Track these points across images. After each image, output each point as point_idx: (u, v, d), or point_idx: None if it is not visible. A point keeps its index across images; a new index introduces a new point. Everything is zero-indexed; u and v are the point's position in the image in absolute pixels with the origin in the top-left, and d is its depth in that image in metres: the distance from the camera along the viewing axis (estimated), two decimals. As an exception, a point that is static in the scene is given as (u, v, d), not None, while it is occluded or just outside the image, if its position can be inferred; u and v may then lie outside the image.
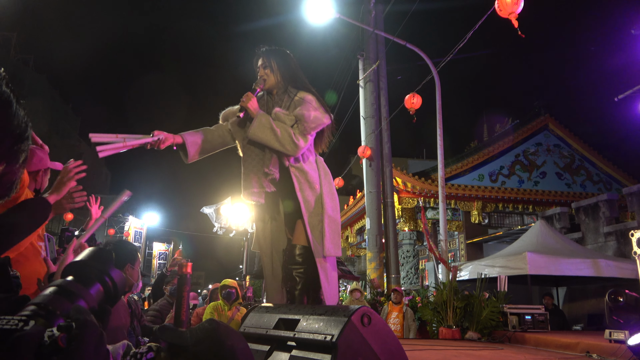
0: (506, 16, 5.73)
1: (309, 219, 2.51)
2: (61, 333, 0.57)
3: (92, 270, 0.75)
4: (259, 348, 1.64)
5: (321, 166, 2.68)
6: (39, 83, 23.59)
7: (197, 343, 1.23)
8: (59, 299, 0.66)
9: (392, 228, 11.03)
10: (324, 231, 2.49)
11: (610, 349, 5.06)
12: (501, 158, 15.70)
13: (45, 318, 0.61)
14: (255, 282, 16.23)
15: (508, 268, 9.02)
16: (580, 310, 11.43)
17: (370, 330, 1.36)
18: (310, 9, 9.88)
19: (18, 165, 0.65)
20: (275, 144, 2.45)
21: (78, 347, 0.57)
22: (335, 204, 2.62)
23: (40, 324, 0.59)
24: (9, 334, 0.55)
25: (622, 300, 5.26)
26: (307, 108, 2.50)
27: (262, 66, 2.66)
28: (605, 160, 16.51)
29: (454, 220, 14.79)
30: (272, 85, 2.66)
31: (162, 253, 27.19)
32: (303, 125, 2.49)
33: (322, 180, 2.61)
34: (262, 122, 2.46)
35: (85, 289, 0.71)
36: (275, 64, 2.64)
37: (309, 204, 2.52)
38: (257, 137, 2.47)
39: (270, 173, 2.52)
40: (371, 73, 11.48)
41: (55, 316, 0.62)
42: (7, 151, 0.62)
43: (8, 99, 0.61)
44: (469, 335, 7.35)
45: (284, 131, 2.45)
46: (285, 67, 2.66)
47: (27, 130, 0.65)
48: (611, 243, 11.06)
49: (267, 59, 2.65)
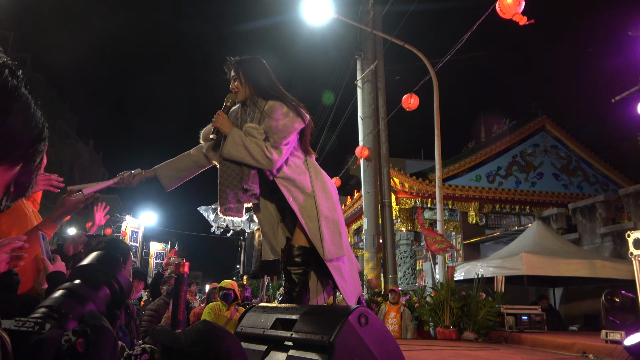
0: (510, 17, 5.75)
1: (308, 224, 2.47)
2: (78, 338, 0.58)
3: (100, 274, 0.75)
4: (256, 348, 1.64)
5: (311, 167, 2.62)
6: (36, 82, 23.53)
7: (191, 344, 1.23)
8: (70, 302, 0.66)
9: (389, 228, 11.04)
10: (322, 234, 2.45)
11: (607, 349, 5.08)
12: (498, 159, 15.73)
13: (57, 321, 0.62)
14: (252, 282, 16.22)
15: (505, 268, 9.04)
16: (576, 310, 11.46)
17: (368, 330, 1.36)
18: (308, 9, 9.89)
19: (34, 167, 0.65)
20: (249, 160, 2.41)
21: (95, 352, 0.58)
22: (332, 203, 2.57)
23: (53, 326, 0.60)
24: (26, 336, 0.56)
25: (619, 300, 5.28)
26: (275, 118, 2.43)
27: (233, 78, 2.59)
28: (602, 161, 16.56)
29: (451, 221, 14.81)
30: (243, 98, 2.60)
31: (159, 252, 27.15)
32: (273, 138, 2.42)
33: (313, 182, 2.55)
34: (234, 140, 2.42)
35: (94, 292, 0.72)
36: (244, 76, 2.56)
37: (304, 209, 2.48)
38: (231, 155, 2.43)
39: (250, 189, 2.48)
40: (369, 73, 11.49)
41: (67, 319, 0.63)
42: (25, 152, 0.63)
43: (27, 100, 0.62)
44: (465, 335, 7.37)
45: (256, 146, 2.39)
46: (255, 78, 2.57)
47: (44, 131, 0.66)
48: (608, 244, 11.10)
49: (236, 71, 2.58)
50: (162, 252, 27.46)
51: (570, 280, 10.35)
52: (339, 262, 2.52)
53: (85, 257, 1.12)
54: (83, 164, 29.62)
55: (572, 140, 16.52)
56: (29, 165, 0.64)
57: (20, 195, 0.65)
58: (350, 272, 2.59)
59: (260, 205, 2.69)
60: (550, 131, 16.49)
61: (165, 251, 27.27)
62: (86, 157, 30.65)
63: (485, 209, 14.88)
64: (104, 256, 0.80)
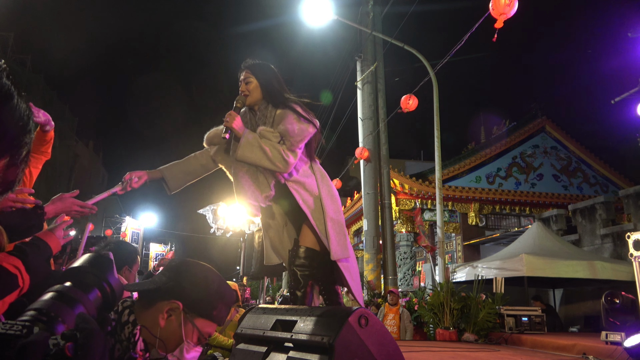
0: (496, 17, 5.75)
1: (319, 226, 2.49)
2: (67, 342, 0.57)
3: (90, 277, 0.74)
4: (256, 349, 1.64)
5: (317, 171, 2.64)
6: (36, 83, 23.52)
7: (168, 280, 1.20)
8: (59, 304, 0.65)
9: (389, 229, 11.04)
10: (328, 235, 2.47)
11: (607, 350, 5.08)
12: (498, 160, 15.74)
13: (45, 324, 0.60)
14: (252, 284, 16.21)
15: (505, 270, 9.03)
16: (576, 312, 11.45)
17: (368, 331, 1.36)
18: (308, 10, 9.90)
19: (20, 160, 0.64)
20: (266, 162, 2.40)
21: (84, 356, 0.57)
22: (337, 206, 2.60)
23: (42, 329, 0.58)
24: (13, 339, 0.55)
25: (619, 302, 5.27)
26: (289, 122, 2.45)
27: (244, 81, 2.59)
28: (602, 162, 16.58)
29: (451, 222, 14.81)
30: (254, 102, 2.60)
31: (159, 254, 27.15)
32: (290, 141, 2.44)
33: (319, 185, 2.58)
34: (249, 141, 2.41)
35: (84, 295, 0.70)
36: (257, 80, 2.58)
37: (314, 211, 2.51)
38: (246, 157, 2.41)
39: (268, 194, 2.51)
40: (369, 75, 11.49)
41: (56, 322, 0.61)
42: (9, 145, 0.61)
43: (9, 91, 0.61)
44: (465, 336, 7.36)
45: (273, 149, 2.40)
46: (268, 83, 2.59)
47: (29, 123, 0.64)
48: (608, 245, 11.10)
49: (249, 74, 2.59)
50: (162, 253, 27.44)
51: (571, 282, 10.35)
52: (348, 263, 2.56)
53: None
54: (83, 165, 29.62)
55: (572, 141, 16.54)
56: (15, 159, 0.63)
57: (6, 190, 0.64)
58: (357, 273, 2.63)
59: (267, 210, 2.70)
60: (550, 132, 16.51)
61: (165, 252, 27.24)
62: (86, 158, 30.65)
63: (485, 210, 14.88)
64: (95, 258, 0.79)
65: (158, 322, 1.17)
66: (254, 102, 2.60)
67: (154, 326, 1.16)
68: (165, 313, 1.18)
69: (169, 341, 1.20)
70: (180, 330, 1.22)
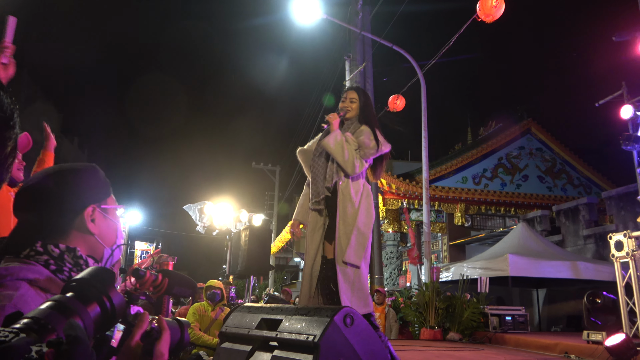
0: (484, 18, 5.80)
1: (342, 228, 2.86)
2: (49, 348, 0.55)
3: (92, 290, 0.71)
4: (241, 348, 1.63)
5: (365, 189, 3.04)
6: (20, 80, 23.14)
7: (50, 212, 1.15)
8: (54, 314, 0.63)
9: (376, 229, 11.07)
10: (350, 240, 2.82)
11: (588, 349, 5.15)
12: (484, 161, 15.88)
13: (37, 332, 0.58)
14: (238, 282, 16.13)
15: (490, 270, 9.12)
16: (559, 311, 11.60)
17: (353, 330, 1.36)
18: (297, 9, 9.87)
19: (6, 155, 0.62)
20: (340, 158, 2.90)
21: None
22: (369, 221, 2.96)
23: (32, 337, 0.57)
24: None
25: (600, 302, 5.35)
26: (368, 137, 2.99)
27: (349, 99, 3.20)
28: (586, 164, 16.81)
29: (438, 222, 14.90)
30: (351, 116, 3.18)
31: (144, 252, 26.90)
32: (364, 151, 2.98)
33: (361, 200, 2.97)
34: (337, 137, 2.93)
35: (83, 307, 0.68)
36: (359, 101, 3.19)
37: (345, 215, 2.89)
38: (328, 146, 2.93)
39: (329, 186, 2.97)
40: (357, 75, 11.50)
41: (47, 330, 0.59)
42: None
43: None
44: (450, 336, 7.41)
45: (351, 151, 2.92)
46: (366, 105, 3.21)
47: (12, 117, 0.62)
48: (590, 246, 11.26)
49: (355, 95, 3.21)
50: (147, 251, 27.20)
51: (554, 282, 10.49)
52: (351, 271, 2.82)
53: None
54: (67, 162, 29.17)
55: (556, 143, 16.75)
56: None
57: None
58: (360, 286, 2.86)
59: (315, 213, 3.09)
60: (536, 134, 16.69)
61: (150, 250, 27.02)
62: (70, 155, 30.25)
63: (471, 211, 15.00)
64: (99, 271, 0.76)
65: (90, 232, 1.18)
66: (351, 117, 3.19)
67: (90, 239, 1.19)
68: (89, 223, 1.19)
69: (106, 239, 1.25)
70: (107, 222, 1.26)
